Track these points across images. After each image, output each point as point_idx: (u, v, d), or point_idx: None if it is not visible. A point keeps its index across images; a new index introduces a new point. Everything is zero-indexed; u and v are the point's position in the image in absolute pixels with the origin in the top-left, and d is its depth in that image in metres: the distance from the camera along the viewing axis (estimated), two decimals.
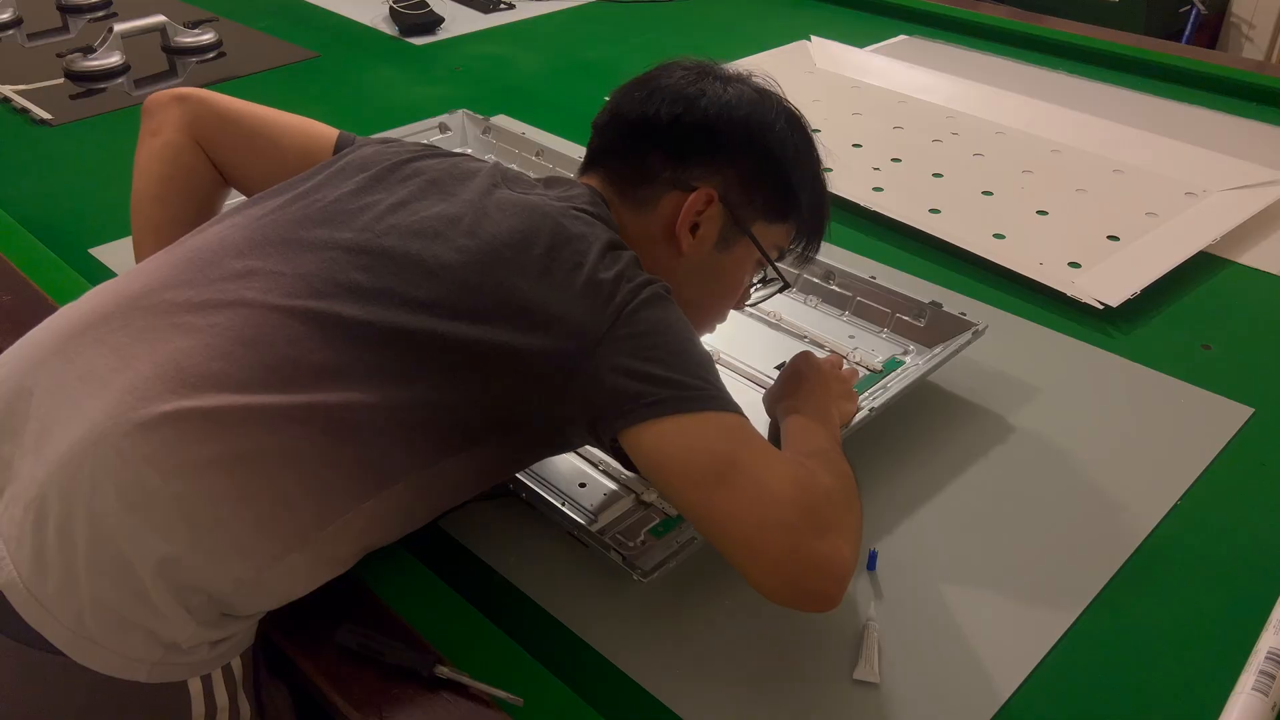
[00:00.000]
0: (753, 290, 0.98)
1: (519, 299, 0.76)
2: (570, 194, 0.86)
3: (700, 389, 0.75)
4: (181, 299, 0.76)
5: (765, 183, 0.89)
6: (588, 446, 0.99)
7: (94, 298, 0.80)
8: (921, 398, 1.09)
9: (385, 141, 0.94)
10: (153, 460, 0.69)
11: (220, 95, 1.00)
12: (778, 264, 0.94)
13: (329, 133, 1.00)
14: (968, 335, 1.09)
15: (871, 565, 0.90)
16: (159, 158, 0.98)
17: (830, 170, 0.95)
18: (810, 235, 0.95)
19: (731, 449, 0.73)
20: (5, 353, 0.79)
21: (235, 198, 1.05)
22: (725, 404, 0.75)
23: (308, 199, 0.84)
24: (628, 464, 0.79)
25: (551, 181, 0.89)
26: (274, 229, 0.81)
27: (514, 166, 1.53)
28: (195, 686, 0.74)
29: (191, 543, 0.70)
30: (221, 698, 0.76)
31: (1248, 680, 0.78)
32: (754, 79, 0.92)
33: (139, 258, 0.97)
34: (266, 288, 0.76)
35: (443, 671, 0.76)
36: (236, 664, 0.77)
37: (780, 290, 0.98)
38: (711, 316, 0.97)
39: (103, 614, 0.69)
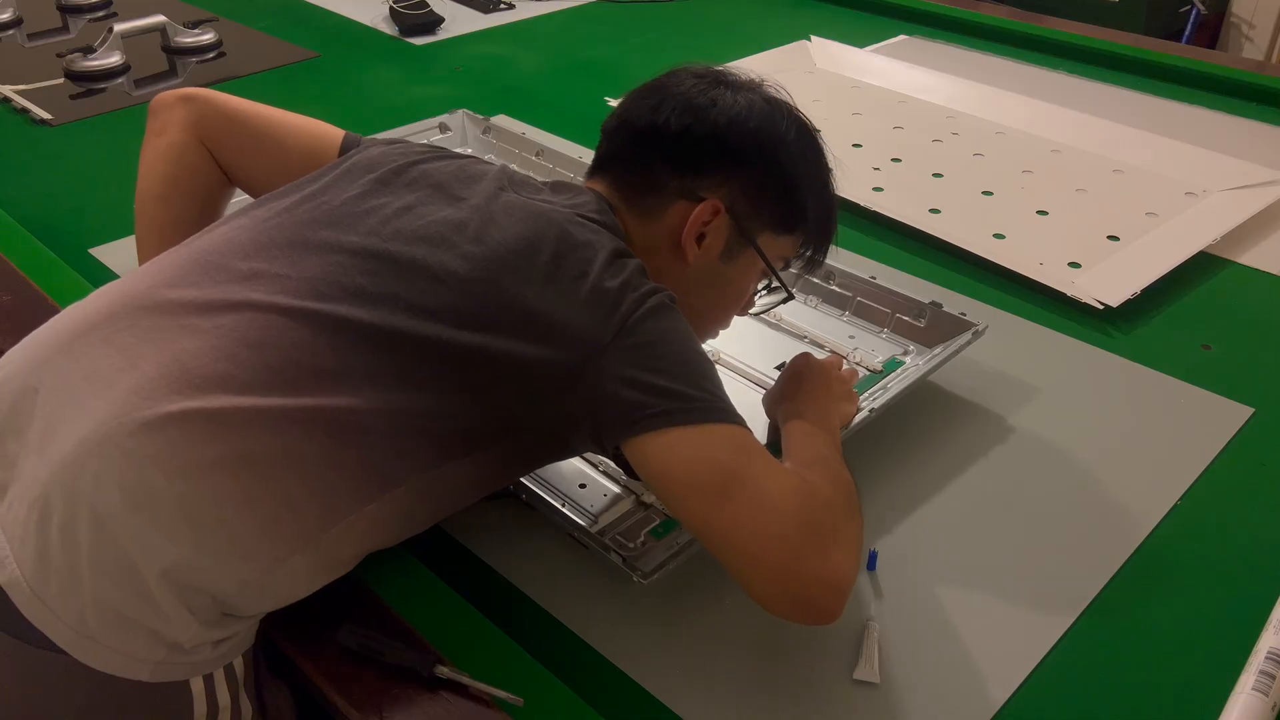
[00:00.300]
0: (757, 298, 0.98)
1: (523, 307, 0.76)
2: (577, 200, 0.85)
3: (704, 400, 0.75)
4: (188, 300, 0.76)
5: (773, 195, 0.89)
6: None
7: (101, 297, 0.80)
8: (921, 398, 1.09)
9: (391, 142, 0.94)
10: (157, 460, 0.69)
11: (226, 95, 1.00)
12: (783, 274, 0.94)
13: (334, 133, 1.00)
14: (968, 335, 1.09)
15: (871, 565, 0.90)
16: (164, 157, 0.98)
17: (830, 170, 0.95)
18: (817, 246, 0.95)
19: (733, 461, 0.73)
20: (11, 351, 0.80)
21: (239, 197, 1.05)
22: (728, 416, 0.75)
23: (314, 201, 0.84)
24: (630, 471, 0.79)
25: (558, 186, 0.89)
26: (280, 231, 0.81)
27: (513, 166, 1.53)
28: (197, 685, 0.74)
29: (196, 544, 0.70)
30: (224, 697, 0.76)
31: (1248, 680, 0.78)
32: (765, 88, 0.91)
33: (142, 257, 0.97)
34: (272, 290, 0.76)
35: (443, 671, 0.76)
36: (238, 663, 0.77)
37: (784, 301, 0.98)
38: (715, 324, 0.97)
39: (105, 613, 0.69)
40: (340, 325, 0.75)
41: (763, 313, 1.05)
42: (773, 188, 0.88)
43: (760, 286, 0.97)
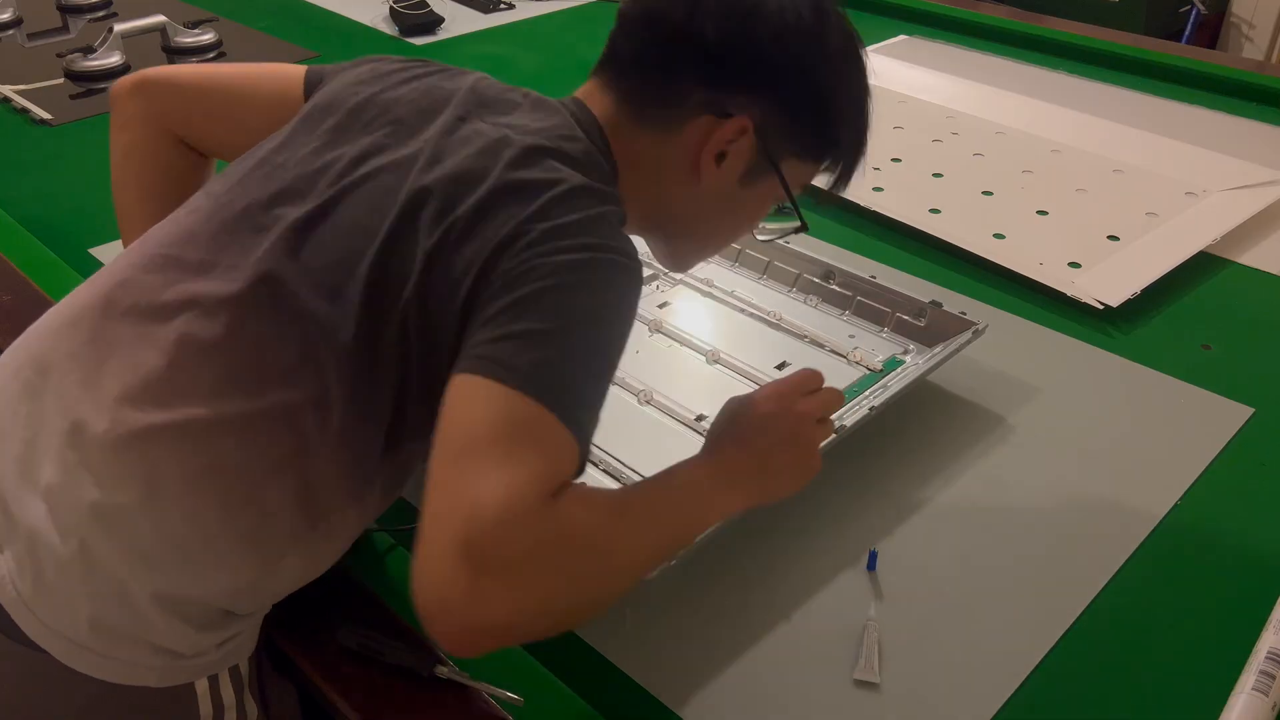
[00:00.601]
0: (765, 222, 0.89)
1: (457, 270, 0.67)
2: (549, 123, 0.75)
3: (542, 372, 0.63)
4: (143, 305, 0.73)
5: (808, 118, 0.80)
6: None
7: (71, 301, 0.77)
8: (921, 397, 1.09)
9: (358, 64, 0.85)
10: (128, 482, 0.68)
11: (180, 69, 0.93)
12: (799, 203, 0.85)
13: (297, 74, 0.89)
14: (968, 335, 1.09)
15: (872, 565, 0.90)
16: (130, 157, 0.93)
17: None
18: (845, 170, 0.86)
19: (491, 434, 0.61)
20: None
21: None
22: (556, 401, 0.62)
23: (266, 168, 0.78)
24: None
25: (538, 103, 0.79)
26: (230, 210, 0.76)
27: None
28: (202, 686, 0.74)
29: (180, 562, 0.69)
30: (229, 697, 0.76)
31: (1248, 680, 0.78)
32: None
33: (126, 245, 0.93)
34: (222, 283, 0.72)
35: (443, 671, 0.76)
36: (244, 664, 0.77)
37: (796, 231, 0.88)
38: (718, 247, 0.91)
39: (103, 632, 0.69)
40: (295, 315, 0.70)
41: (771, 240, 0.96)
42: (809, 110, 0.80)
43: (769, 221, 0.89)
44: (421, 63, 0.85)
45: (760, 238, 0.92)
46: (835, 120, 0.82)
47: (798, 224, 0.87)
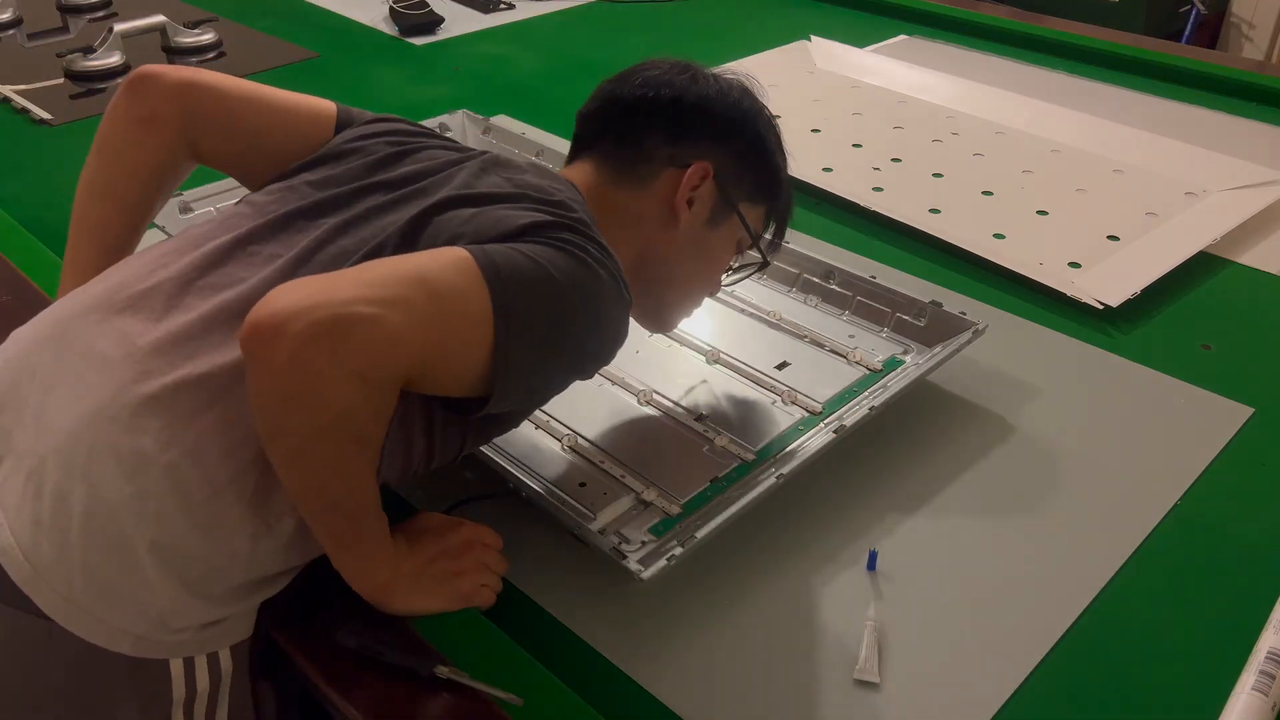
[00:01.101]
0: (731, 272, 1.02)
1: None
2: (559, 185, 0.86)
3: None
4: (185, 281, 0.79)
5: (753, 165, 0.94)
6: (587, 446, 0.99)
7: (99, 283, 0.81)
8: (921, 397, 1.09)
9: (381, 119, 0.96)
10: (150, 431, 0.71)
11: (224, 81, 0.91)
12: (744, 267, 0.99)
13: (329, 115, 0.95)
14: (968, 335, 1.09)
15: (872, 565, 0.90)
16: (156, 162, 0.90)
17: (830, 170, 0.95)
18: (781, 221, 1.00)
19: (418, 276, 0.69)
20: (15, 332, 0.81)
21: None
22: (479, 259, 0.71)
23: (306, 187, 0.86)
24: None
25: (544, 170, 0.90)
26: (282, 205, 0.84)
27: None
28: (176, 667, 0.75)
29: (186, 513, 0.71)
30: (203, 682, 0.76)
31: (1248, 680, 0.78)
32: (735, 75, 0.97)
33: (76, 250, 0.91)
34: (262, 269, 0.79)
35: (443, 671, 0.76)
36: (225, 655, 0.77)
37: (759, 270, 1.03)
38: (696, 293, 1.00)
39: (92, 582, 0.71)
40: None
41: (736, 283, 1.08)
42: (753, 156, 0.94)
43: (733, 264, 1.01)
44: (432, 132, 0.97)
45: (728, 283, 1.03)
46: (774, 164, 0.96)
47: (761, 262, 1.01)
